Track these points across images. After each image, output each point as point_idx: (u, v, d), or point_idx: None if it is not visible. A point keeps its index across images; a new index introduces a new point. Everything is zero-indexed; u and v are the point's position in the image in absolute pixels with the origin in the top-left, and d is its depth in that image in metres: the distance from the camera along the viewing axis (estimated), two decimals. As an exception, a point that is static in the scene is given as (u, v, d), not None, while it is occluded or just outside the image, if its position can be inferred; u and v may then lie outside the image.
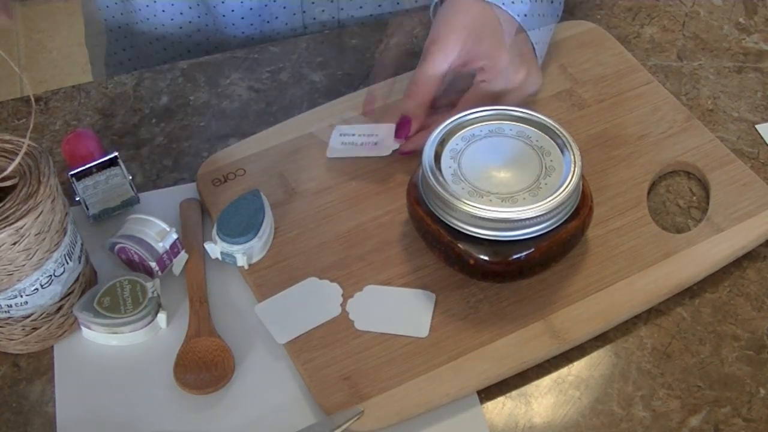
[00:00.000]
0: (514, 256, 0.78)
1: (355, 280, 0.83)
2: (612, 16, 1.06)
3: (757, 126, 0.94)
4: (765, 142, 0.93)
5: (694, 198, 0.89)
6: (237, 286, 0.84)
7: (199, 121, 0.97)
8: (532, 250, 0.77)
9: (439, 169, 0.78)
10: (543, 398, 0.77)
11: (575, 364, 0.79)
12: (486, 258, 0.78)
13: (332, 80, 1.00)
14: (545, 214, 0.76)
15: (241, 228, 0.82)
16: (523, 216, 0.76)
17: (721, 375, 0.78)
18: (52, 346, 0.81)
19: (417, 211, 0.80)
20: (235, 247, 0.82)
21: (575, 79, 0.97)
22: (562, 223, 0.78)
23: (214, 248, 0.83)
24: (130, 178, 0.87)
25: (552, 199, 0.76)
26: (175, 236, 0.82)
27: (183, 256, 0.84)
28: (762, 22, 1.05)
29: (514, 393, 0.78)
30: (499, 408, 0.77)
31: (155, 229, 0.82)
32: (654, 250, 0.83)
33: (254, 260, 0.84)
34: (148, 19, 1.08)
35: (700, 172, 0.90)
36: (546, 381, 0.78)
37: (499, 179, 0.78)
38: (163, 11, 1.07)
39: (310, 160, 0.91)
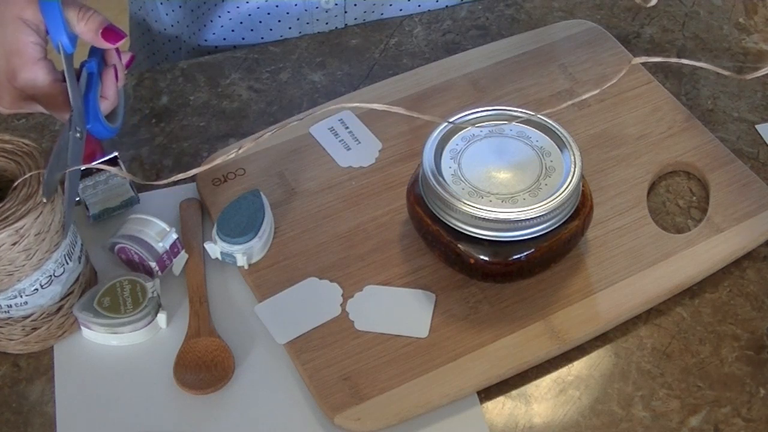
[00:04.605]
0: (514, 257, 0.78)
1: (355, 280, 0.83)
2: (612, 16, 1.06)
3: (756, 126, 0.94)
4: (765, 142, 0.93)
5: (694, 198, 0.89)
6: (237, 286, 0.84)
7: (199, 121, 0.97)
8: (533, 250, 0.77)
9: (439, 170, 0.78)
10: (543, 398, 0.77)
11: (575, 364, 0.79)
12: (486, 258, 0.78)
13: (332, 80, 1.00)
14: (545, 214, 0.76)
15: (241, 228, 0.82)
16: (523, 217, 0.76)
17: (720, 375, 0.78)
18: (52, 346, 0.81)
19: (417, 211, 0.80)
20: (235, 247, 0.82)
21: (575, 79, 0.97)
22: (562, 224, 0.78)
23: (214, 248, 0.83)
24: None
25: (552, 200, 0.76)
26: (175, 236, 0.82)
27: (183, 256, 0.84)
28: (762, 23, 1.05)
29: (514, 393, 0.78)
30: (499, 408, 0.77)
31: (155, 229, 0.82)
32: (654, 251, 0.83)
33: (254, 260, 0.84)
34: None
35: (700, 172, 0.90)
36: (546, 381, 0.78)
37: (499, 180, 0.78)
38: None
39: (310, 160, 0.91)
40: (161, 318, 0.80)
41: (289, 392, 0.78)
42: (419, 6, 1.07)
